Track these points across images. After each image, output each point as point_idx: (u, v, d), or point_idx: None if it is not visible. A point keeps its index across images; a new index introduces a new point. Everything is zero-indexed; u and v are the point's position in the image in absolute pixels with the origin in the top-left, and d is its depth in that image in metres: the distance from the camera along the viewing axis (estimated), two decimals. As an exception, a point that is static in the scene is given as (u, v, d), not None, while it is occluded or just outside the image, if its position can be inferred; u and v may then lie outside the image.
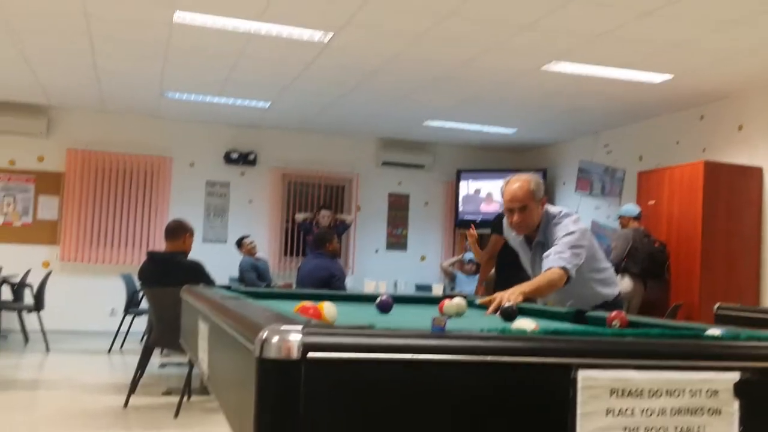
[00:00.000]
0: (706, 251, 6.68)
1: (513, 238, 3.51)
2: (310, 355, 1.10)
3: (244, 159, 9.94)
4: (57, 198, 9.48)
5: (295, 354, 1.10)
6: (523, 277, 5.85)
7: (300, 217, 9.51)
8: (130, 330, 7.99)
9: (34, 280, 8.03)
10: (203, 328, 2.04)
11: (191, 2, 5.28)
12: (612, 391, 1.25)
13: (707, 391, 1.29)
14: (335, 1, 5.11)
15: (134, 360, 5.62)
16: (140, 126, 9.67)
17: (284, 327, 1.14)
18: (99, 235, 9.53)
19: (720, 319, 3.66)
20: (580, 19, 5.24)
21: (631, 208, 7.20)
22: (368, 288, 7.22)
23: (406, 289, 9.20)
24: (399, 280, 9.63)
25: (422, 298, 3.31)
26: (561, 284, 3.03)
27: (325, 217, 9.23)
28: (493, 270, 6.61)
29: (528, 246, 3.40)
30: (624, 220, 7.18)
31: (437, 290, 7.35)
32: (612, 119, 8.50)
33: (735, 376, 1.30)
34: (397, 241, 10.48)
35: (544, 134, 9.67)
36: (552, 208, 3.31)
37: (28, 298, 8.07)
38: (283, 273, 9.82)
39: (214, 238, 9.89)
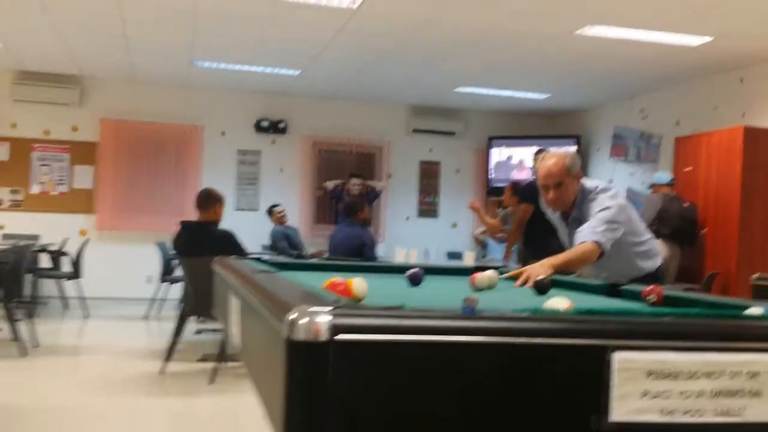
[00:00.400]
0: (744, 219, 6.55)
1: (551, 212, 3.45)
2: (339, 337, 1.09)
3: (275, 127, 9.93)
4: (92, 167, 9.58)
5: (323, 336, 1.09)
6: (552, 245, 5.82)
7: (330, 184, 9.48)
8: (167, 297, 8.11)
9: (72, 249, 8.19)
10: (234, 303, 2.04)
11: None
12: (649, 373, 1.21)
13: (747, 373, 1.25)
14: (364, -33, 5.03)
15: (171, 326, 5.71)
16: (171, 95, 9.70)
17: (313, 308, 1.12)
18: (133, 204, 9.65)
19: (758, 290, 3.58)
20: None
21: (663, 175, 7.13)
22: (399, 256, 7.21)
23: (438, 257, 9.19)
24: (430, 247, 9.60)
25: (454, 269, 3.29)
26: (594, 258, 2.98)
27: (355, 185, 9.19)
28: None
29: (564, 222, 3.35)
30: (656, 188, 7.10)
31: (468, 258, 7.33)
32: (648, 83, 8.31)
33: (777, 357, 1.25)
34: (428, 208, 10.44)
35: (577, 99, 9.50)
36: (588, 183, 3.25)
37: (66, 267, 8.23)
38: (314, 240, 9.85)
39: (246, 206, 9.94)
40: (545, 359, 1.17)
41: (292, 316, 1.13)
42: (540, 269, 2.71)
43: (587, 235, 3.01)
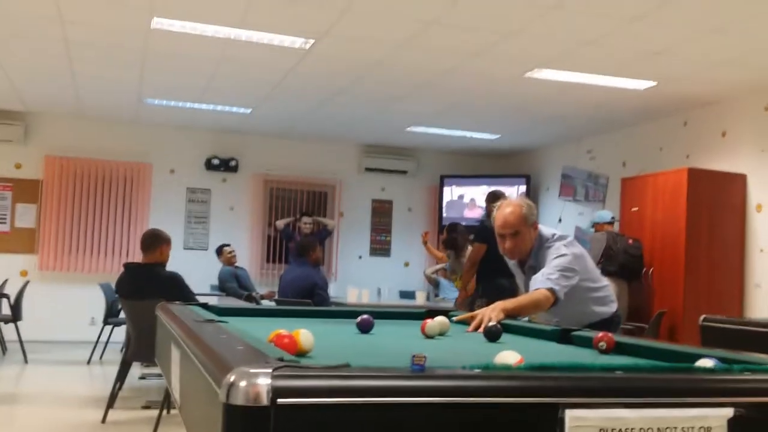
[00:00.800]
0: (690, 258, 6.66)
1: (508, 259, 3.45)
2: (280, 401, 1.03)
3: (226, 165, 9.83)
4: (35, 206, 9.32)
5: (264, 400, 1.03)
6: (502, 284, 5.85)
7: (281, 223, 9.40)
8: (110, 339, 7.85)
9: (12, 290, 7.89)
10: (175, 354, 1.96)
11: (169, 9, 5.18)
12: (601, 430, 1.18)
13: (700, 428, 1.23)
14: (316, 9, 5.04)
15: (114, 370, 5.52)
16: (119, 132, 9.54)
17: (253, 370, 1.07)
18: (78, 244, 9.39)
19: (706, 331, 3.62)
20: (563, 27, 5.20)
21: (604, 214, 7.33)
22: (351, 296, 7.15)
23: (390, 296, 9.12)
24: (383, 286, 9.52)
25: (404, 313, 3.24)
26: (547, 306, 2.98)
27: (306, 224, 9.11)
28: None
29: (521, 269, 3.35)
30: (598, 227, 7.24)
31: (420, 298, 7.31)
32: (595, 125, 8.48)
33: (729, 412, 1.24)
34: (380, 247, 10.42)
35: (527, 140, 9.64)
36: (545, 231, 3.27)
37: (6, 309, 7.92)
38: (265, 280, 9.72)
39: (195, 245, 9.77)
40: (497, 419, 1.14)
41: (231, 378, 1.07)
42: (492, 313, 2.69)
43: (541, 282, 3.01)
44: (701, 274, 6.69)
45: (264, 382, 1.05)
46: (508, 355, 1.36)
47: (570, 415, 1.17)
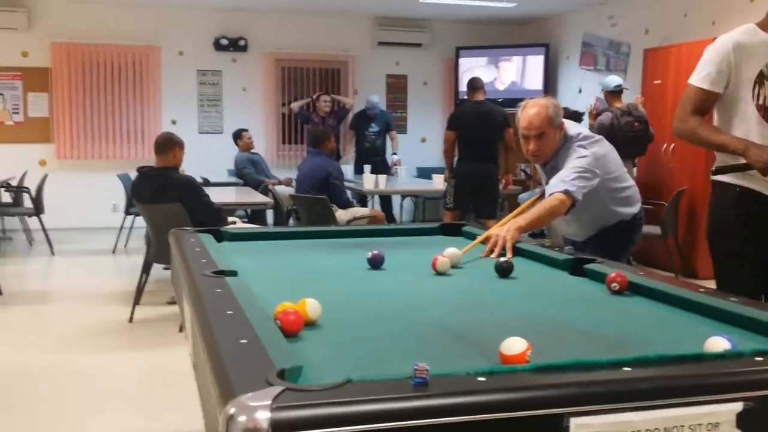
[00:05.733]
0: (712, 133, 6.49)
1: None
2: (280, 436, 1.03)
3: (235, 45, 9.58)
4: (46, 94, 9.23)
5: (263, 435, 1.03)
6: (472, 170, 6.09)
7: (296, 106, 9.21)
8: (134, 225, 7.91)
9: (32, 181, 7.95)
10: (188, 310, 1.97)
11: None
12: (606, 433, 1.18)
13: (708, 425, 1.22)
14: None
15: (139, 260, 5.62)
16: (124, 15, 9.26)
17: (252, 403, 1.06)
18: (93, 131, 9.37)
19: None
20: None
21: (609, 80, 6.73)
22: (367, 183, 7.13)
23: (407, 175, 9.08)
24: (399, 164, 9.46)
25: (418, 230, 3.22)
26: (562, 211, 2.92)
27: (326, 102, 8.80)
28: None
29: (543, 169, 3.27)
30: (606, 95, 6.80)
31: (438, 182, 7.26)
32: (618, -9, 8.07)
33: (738, 406, 1.22)
34: (397, 123, 10.26)
35: (546, 6, 9.23)
36: (571, 130, 3.13)
37: (28, 203, 8.03)
38: (282, 162, 9.70)
39: (209, 129, 9.71)
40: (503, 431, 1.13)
41: (230, 410, 1.07)
42: (507, 235, 2.65)
43: (555, 185, 2.93)
44: (723, 149, 6.54)
45: (263, 416, 1.04)
46: (516, 343, 1.34)
47: (575, 422, 1.16)
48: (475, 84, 6.94)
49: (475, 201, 6.91)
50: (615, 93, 6.61)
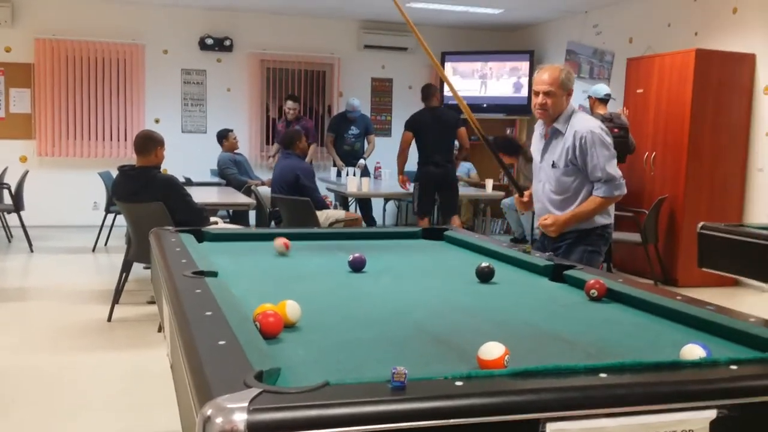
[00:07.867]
0: (693, 142, 6.57)
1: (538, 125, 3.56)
2: (257, 438, 1.03)
3: (220, 45, 9.55)
4: (28, 90, 9.15)
5: (240, 437, 1.03)
6: (430, 171, 6.82)
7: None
8: (114, 224, 7.84)
9: (13, 178, 7.86)
10: (167, 310, 1.96)
11: None
12: (581, 439, 1.19)
13: (681, 431, 1.24)
14: None
15: (119, 258, 5.56)
16: (108, 12, 9.20)
17: (229, 405, 1.06)
18: (75, 129, 9.29)
19: (702, 239, 3.62)
20: None
21: (599, 88, 6.75)
22: (351, 186, 7.13)
23: (391, 178, 9.07)
24: (384, 167, 9.45)
25: (400, 233, 3.23)
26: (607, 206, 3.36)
27: (291, 109, 8.44)
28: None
29: (543, 134, 3.46)
30: (591, 101, 6.85)
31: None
32: (602, -2, 8.13)
33: (711, 414, 1.24)
34: (381, 127, 10.28)
35: (531, 14, 9.28)
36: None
37: (8, 199, 7.95)
38: (265, 164, 9.66)
39: (193, 128, 9.66)
40: (478, 435, 1.14)
41: (207, 411, 1.06)
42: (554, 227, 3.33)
43: (605, 191, 3.34)
44: (704, 159, 6.62)
45: (240, 418, 1.04)
46: (494, 348, 1.35)
47: (551, 428, 1.17)
48: (428, 91, 7.17)
49: (439, 201, 7.17)
50: (602, 101, 6.67)
